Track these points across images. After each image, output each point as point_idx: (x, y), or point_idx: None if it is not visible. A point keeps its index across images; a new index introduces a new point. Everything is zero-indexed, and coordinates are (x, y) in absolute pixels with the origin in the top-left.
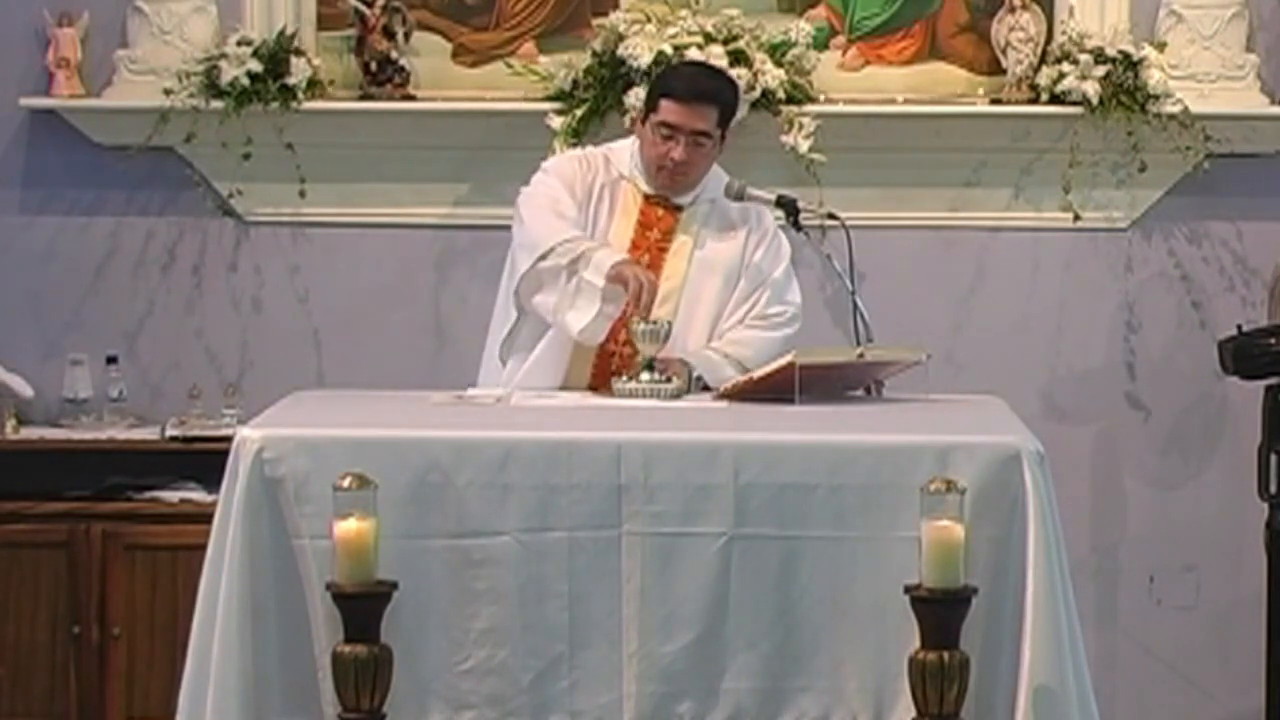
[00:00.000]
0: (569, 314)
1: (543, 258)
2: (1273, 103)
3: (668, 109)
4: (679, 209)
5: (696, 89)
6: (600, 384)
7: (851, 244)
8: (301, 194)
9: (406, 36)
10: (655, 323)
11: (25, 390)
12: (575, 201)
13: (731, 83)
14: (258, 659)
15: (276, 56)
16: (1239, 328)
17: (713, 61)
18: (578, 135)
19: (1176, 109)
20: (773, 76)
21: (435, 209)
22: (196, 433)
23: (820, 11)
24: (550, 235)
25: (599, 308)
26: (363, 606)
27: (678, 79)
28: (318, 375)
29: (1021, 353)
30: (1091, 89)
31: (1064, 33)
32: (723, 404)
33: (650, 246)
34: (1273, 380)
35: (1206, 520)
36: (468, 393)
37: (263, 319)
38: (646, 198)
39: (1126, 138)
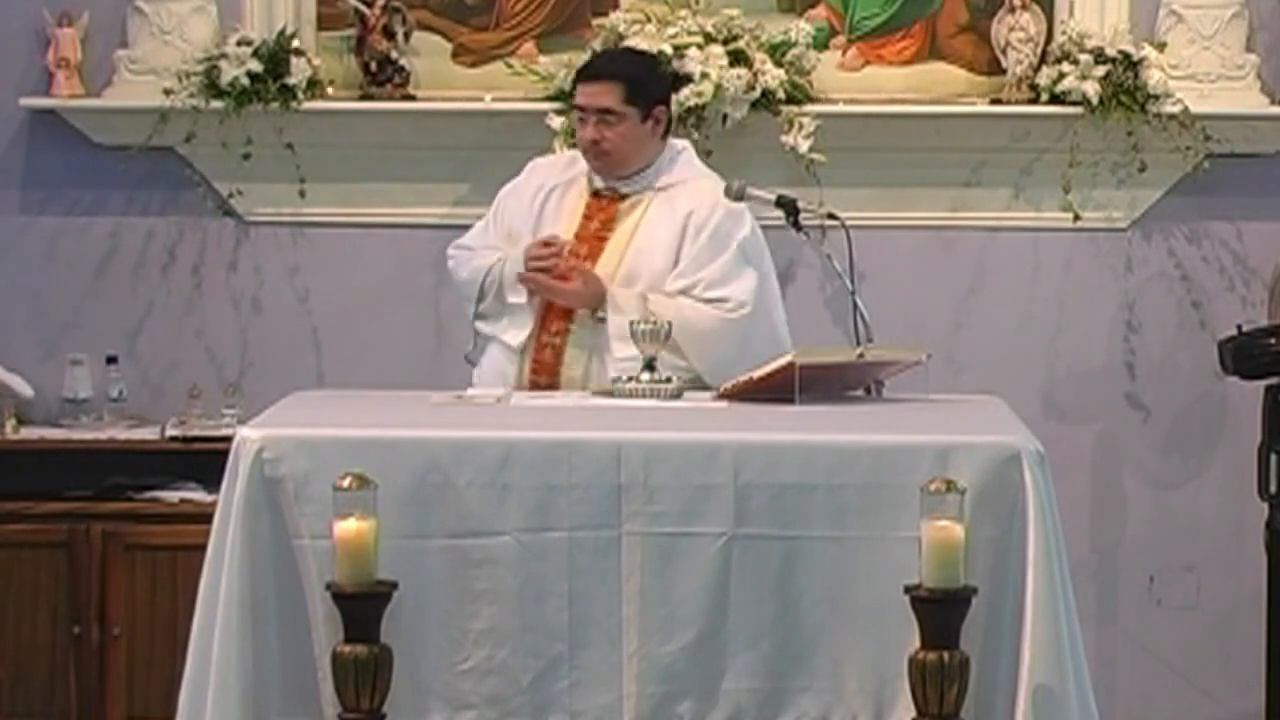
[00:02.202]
0: (506, 335)
1: (480, 301)
2: (1273, 103)
3: (577, 92)
4: (624, 199)
5: (593, 68)
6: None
7: (851, 244)
8: (301, 194)
9: (406, 36)
10: (655, 322)
11: (25, 390)
12: (521, 206)
13: (640, 57)
14: (258, 659)
15: (276, 56)
16: (1239, 328)
17: (711, 61)
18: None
19: (1176, 109)
20: (773, 76)
21: (435, 209)
22: (196, 433)
23: (820, 11)
24: (474, 276)
25: (530, 321)
26: (363, 606)
27: (584, 63)
28: (318, 375)
29: (1021, 353)
30: (1091, 89)
31: (1064, 33)
32: (723, 404)
33: (590, 237)
34: (1273, 380)
35: (1206, 520)
36: (468, 393)
37: (263, 319)
38: (595, 192)
39: (1126, 138)
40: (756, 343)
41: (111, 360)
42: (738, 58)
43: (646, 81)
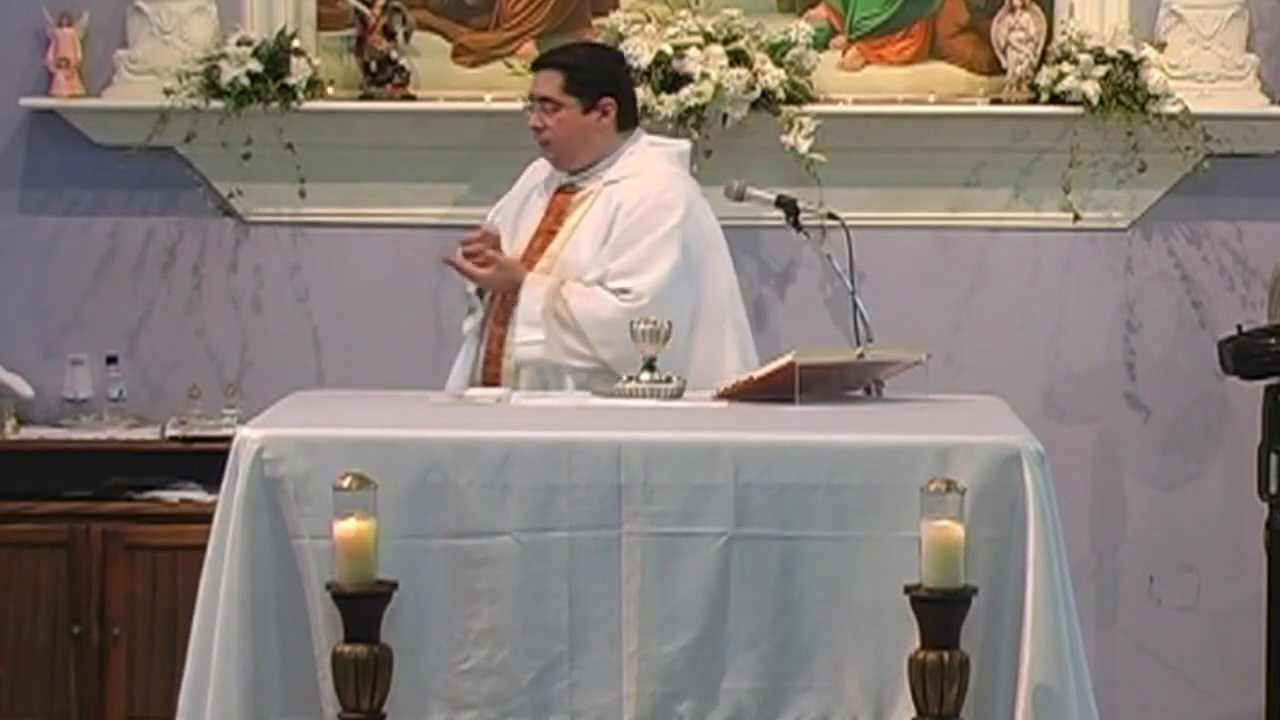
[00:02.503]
0: (465, 324)
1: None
2: (1273, 103)
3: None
4: (577, 192)
5: (541, 57)
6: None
7: (851, 244)
8: (301, 194)
9: (406, 36)
10: (655, 322)
11: (25, 390)
12: (511, 208)
13: (588, 49)
14: (258, 659)
15: (276, 56)
16: (1239, 328)
17: (711, 61)
18: None
19: (1176, 109)
20: (773, 76)
21: (435, 209)
22: (196, 433)
23: (820, 11)
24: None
25: (481, 310)
26: (363, 606)
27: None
28: (318, 375)
29: (1021, 353)
30: (1091, 89)
31: (1064, 33)
32: (723, 404)
33: (545, 231)
34: (1273, 380)
35: (1206, 520)
36: (468, 393)
37: (263, 319)
38: (560, 187)
39: (1126, 138)
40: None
41: (111, 360)
42: (738, 58)
43: (589, 72)
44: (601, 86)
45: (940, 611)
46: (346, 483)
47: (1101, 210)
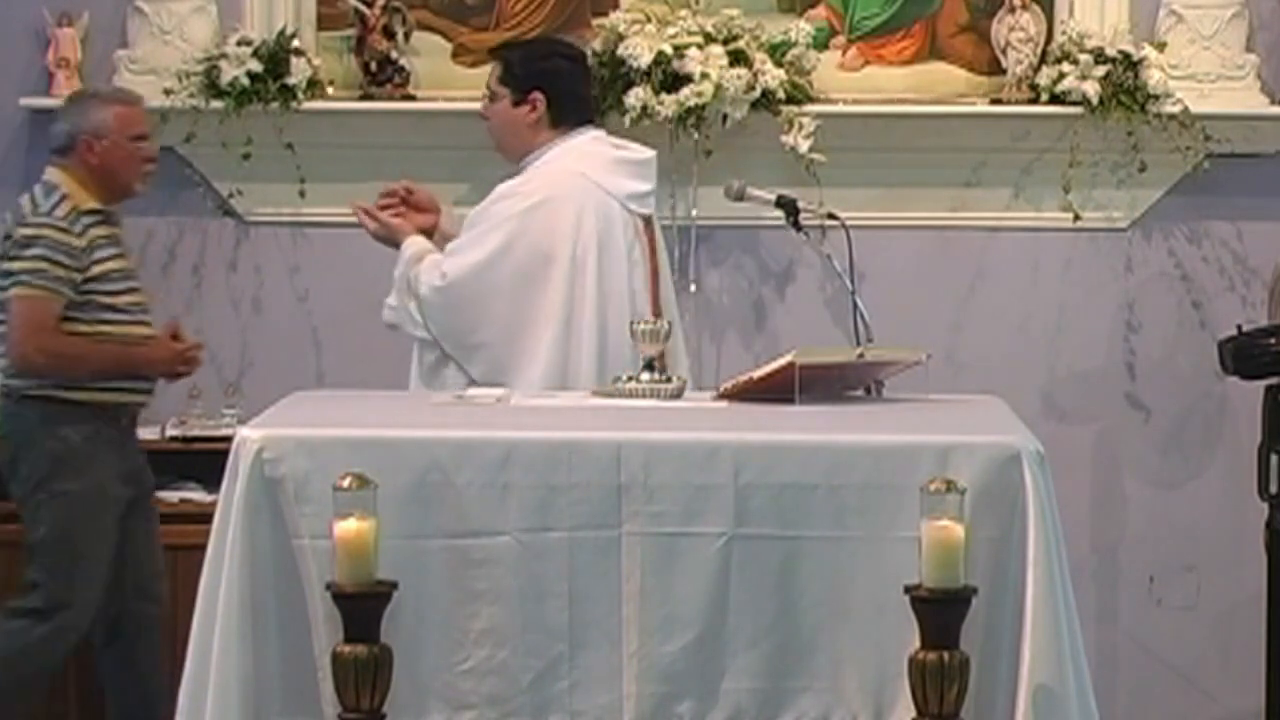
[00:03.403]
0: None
1: None
2: (1273, 103)
3: None
4: None
5: (492, 48)
6: None
7: (851, 244)
8: (301, 194)
9: (406, 36)
10: (655, 322)
11: None
12: None
13: (530, 44)
14: (258, 659)
15: (276, 56)
16: (1239, 328)
17: (711, 61)
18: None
19: (1176, 109)
20: (773, 76)
21: None
22: (196, 433)
23: (820, 11)
24: None
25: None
26: (363, 606)
27: None
28: (318, 375)
29: (1021, 353)
30: (1091, 89)
31: (1064, 33)
32: (723, 404)
33: None
34: (1273, 380)
35: (1206, 520)
36: (468, 393)
37: (262, 319)
38: None
39: (1126, 138)
40: (469, 314)
41: None
42: (738, 58)
43: (521, 66)
44: (532, 81)
45: (940, 611)
46: (346, 483)
47: (1101, 210)
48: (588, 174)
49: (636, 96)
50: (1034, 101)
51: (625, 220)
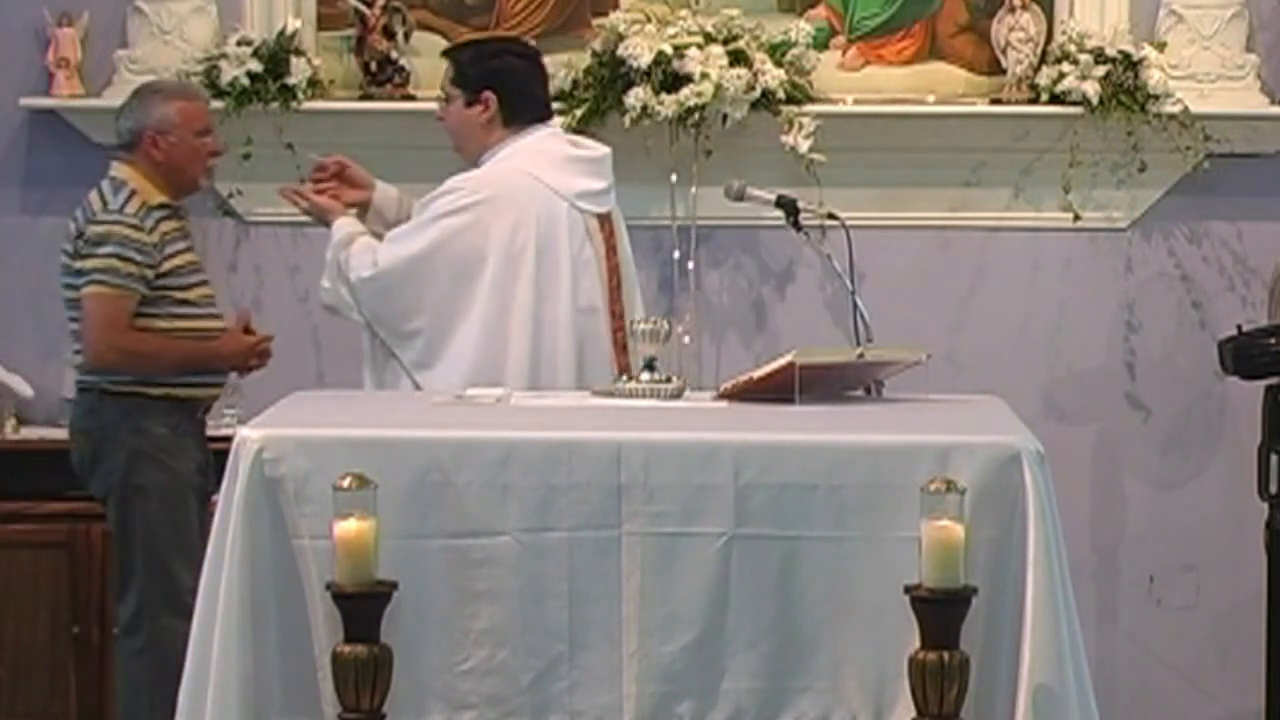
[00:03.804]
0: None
1: None
2: (1273, 103)
3: None
4: None
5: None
6: None
7: (851, 244)
8: None
9: (406, 36)
10: (655, 322)
11: (25, 390)
12: None
13: (478, 44)
14: (258, 659)
15: (276, 56)
16: (1239, 328)
17: (711, 61)
18: (578, 135)
19: (1176, 109)
20: (773, 76)
21: None
22: None
23: (820, 11)
24: None
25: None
26: (363, 606)
27: None
28: (318, 375)
29: (1021, 353)
30: (1091, 89)
31: (1064, 33)
32: (723, 404)
33: None
34: (1273, 380)
35: (1206, 520)
36: (468, 393)
37: (263, 319)
38: None
39: (1126, 138)
40: (400, 303)
41: None
42: (738, 58)
43: (471, 66)
44: (482, 80)
45: (940, 611)
46: (346, 483)
47: (1101, 210)
48: (535, 173)
49: (636, 96)
50: (1034, 101)
51: (574, 220)
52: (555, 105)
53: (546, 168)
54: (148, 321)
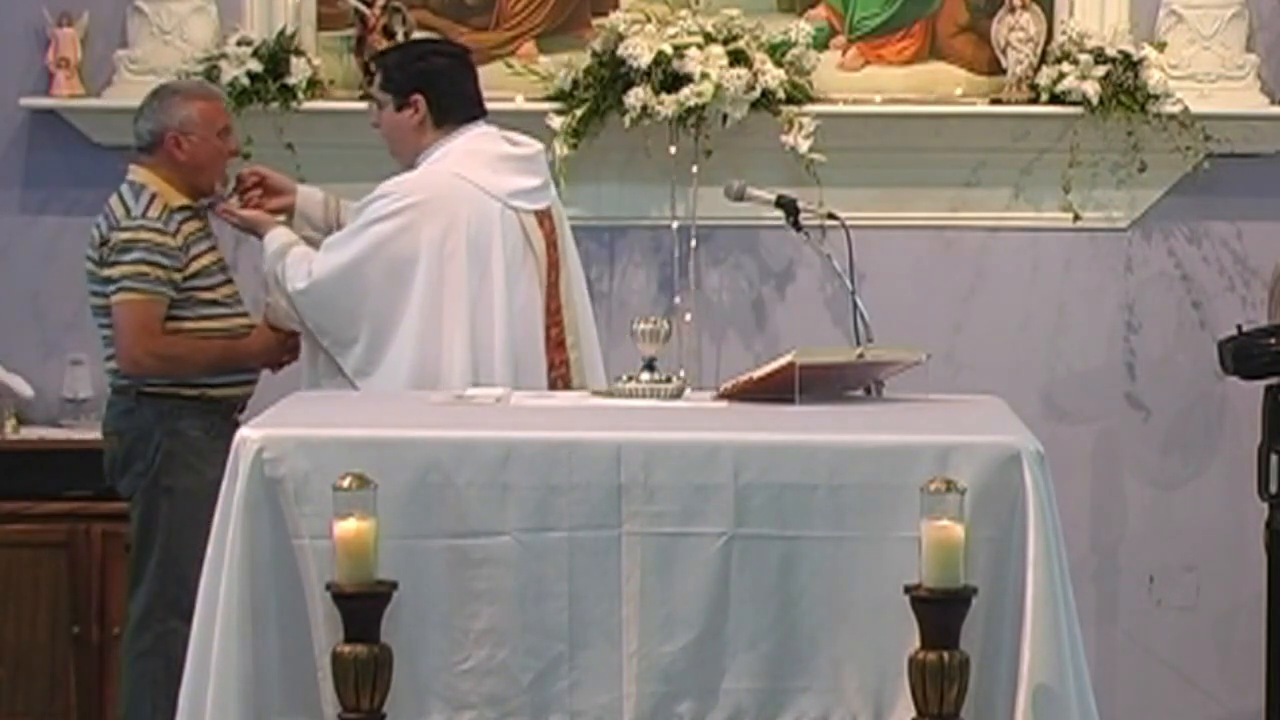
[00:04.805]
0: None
1: None
2: (1273, 103)
3: None
4: None
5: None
6: None
7: (851, 244)
8: None
9: (406, 36)
10: (655, 322)
11: (25, 390)
12: None
13: (406, 46)
14: (258, 659)
15: (276, 56)
16: (1239, 328)
17: (711, 61)
18: (578, 135)
19: (1176, 109)
20: (773, 76)
21: None
22: None
23: (820, 11)
24: None
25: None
26: (363, 606)
27: None
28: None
29: (1021, 353)
30: (1091, 89)
31: (1064, 33)
32: (723, 404)
33: None
34: (1273, 380)
35: (1206, 520)
36: (468, 393)
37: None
38: None
39: (1126, 138)
40: (337, 313)
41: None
42: (738, 58)
43: (397, 70)
44: (411, 84)
45: (940, 611)
46: (346, 483)
47: (1101, 210)
48: (466, 175)
49: (636, 96)
50: (1034, 101)
51: (509, 220)
52: (554, 105)
53: (478, 169)
54: (177, 324)
